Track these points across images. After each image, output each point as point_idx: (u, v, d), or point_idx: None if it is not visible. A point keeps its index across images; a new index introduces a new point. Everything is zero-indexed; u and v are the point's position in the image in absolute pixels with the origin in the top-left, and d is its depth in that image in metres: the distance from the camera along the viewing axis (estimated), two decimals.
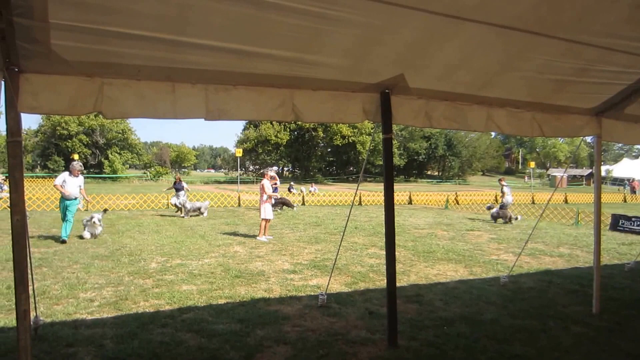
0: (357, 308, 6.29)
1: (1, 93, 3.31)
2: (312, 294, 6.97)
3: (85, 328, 5.43)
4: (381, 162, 60.41)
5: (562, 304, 6.61)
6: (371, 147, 64.58)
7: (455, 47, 3.85)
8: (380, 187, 5.19)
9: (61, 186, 11.52)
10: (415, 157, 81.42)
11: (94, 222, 12.20)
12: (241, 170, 47.68)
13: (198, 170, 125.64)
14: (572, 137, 6.34)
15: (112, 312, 6.07)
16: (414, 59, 3.94)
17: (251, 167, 73.00)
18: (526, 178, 77.62)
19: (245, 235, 13.08)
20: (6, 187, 21.74)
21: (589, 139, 7.06)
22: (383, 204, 4.76)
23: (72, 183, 11.65)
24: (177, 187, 18.31)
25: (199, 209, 18.29)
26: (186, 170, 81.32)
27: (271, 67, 3.78)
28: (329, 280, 6.84)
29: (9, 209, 10.30)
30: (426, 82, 4.32)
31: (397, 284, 5.06)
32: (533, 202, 30.53)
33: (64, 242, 11.15)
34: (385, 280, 5.06)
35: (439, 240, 12.73)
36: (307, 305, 6.39)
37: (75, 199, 11.76)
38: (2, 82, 3.29)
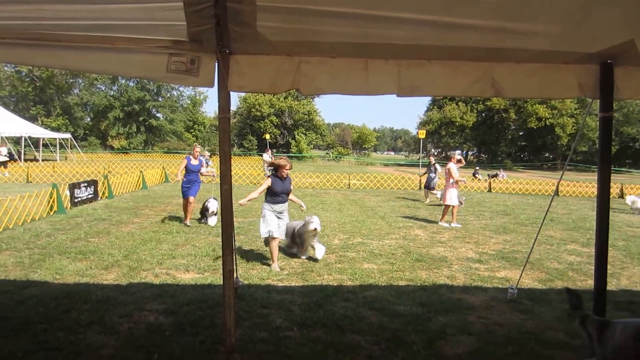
0: (553, 308, 5.67)
1: (215, 74, 3.65)
2: (500, 286, 6.51)
3: (277, 293, 5.87)
4: (584, 149, 53.04)
5: None
6: (572, 131, 57.66)
7: None
8: (582, 177, 4.51)
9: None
10: (631, 144, 69.66)
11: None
12: (423, 153, 46.92)
13: (378, 152, 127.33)
14: None
15: (299, 282, 6.47)
16: None
17: (433, 150, 71.47)
18: None
19: (425, 220, 12.83)
20: (211, 163, 24.73)
21: None
22: (584, 195, 4.12)
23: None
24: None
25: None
26: (366, 152, 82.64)
27: (470, 39, 3.47)
28: (521, 274, 6.28)
29: (211, 183, 11.40)
30: None
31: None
32: None
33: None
34: (589, 281, 4.44)
35: None
36: (494, 298, 5.98)
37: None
38: (216, 64, 3.61)
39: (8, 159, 26.48)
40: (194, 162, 10.75)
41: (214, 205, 10.53)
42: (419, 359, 4.17)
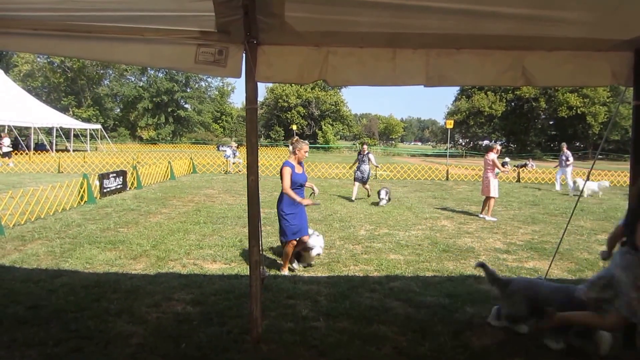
0: None
1: (242, 64, 3.66)
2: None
3: (303, 284, 5.90)
4: (617, 137, 51.37)
5: None
6: (605, 120, 55.96)
7: None
8: (614, 166, 4.35)
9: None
10: None
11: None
12: (450, 143, 46.21)
13: (405, 142, 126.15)
14: None
15: (325, 272, 6.49)
16: None
17: (461, 140, 70.39)
18: None
19: (453, 210, 12.71)
20: (238, 154, 24.92)
21: None
22: (615, 185, 3.99)
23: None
24: None
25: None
26: (393, 142, 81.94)
27: (501, 27, 3.39)
28: (550, 264, 6.17)
29: (239, 173, 11.37)
30: None
31: None
32: None
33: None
34: None
35: None
36: None
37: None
38: (243, 54, 3.62)
39: (11, 149, 27.33)
40: (299, 169, 6.37)
41: (319, 243, 6.71)
42: (446, 350, 4.14)
